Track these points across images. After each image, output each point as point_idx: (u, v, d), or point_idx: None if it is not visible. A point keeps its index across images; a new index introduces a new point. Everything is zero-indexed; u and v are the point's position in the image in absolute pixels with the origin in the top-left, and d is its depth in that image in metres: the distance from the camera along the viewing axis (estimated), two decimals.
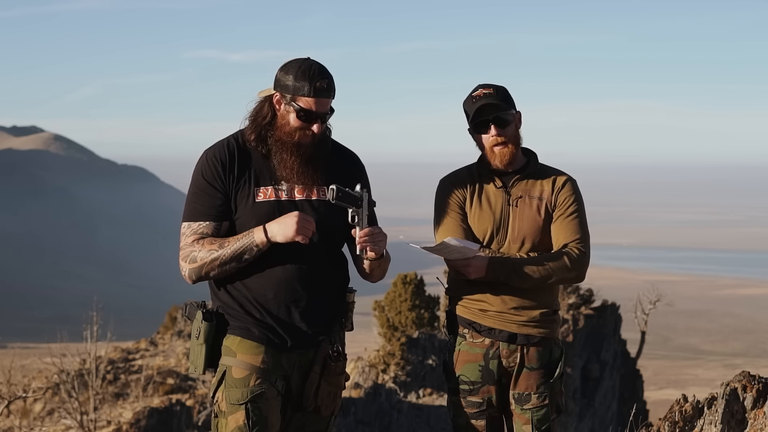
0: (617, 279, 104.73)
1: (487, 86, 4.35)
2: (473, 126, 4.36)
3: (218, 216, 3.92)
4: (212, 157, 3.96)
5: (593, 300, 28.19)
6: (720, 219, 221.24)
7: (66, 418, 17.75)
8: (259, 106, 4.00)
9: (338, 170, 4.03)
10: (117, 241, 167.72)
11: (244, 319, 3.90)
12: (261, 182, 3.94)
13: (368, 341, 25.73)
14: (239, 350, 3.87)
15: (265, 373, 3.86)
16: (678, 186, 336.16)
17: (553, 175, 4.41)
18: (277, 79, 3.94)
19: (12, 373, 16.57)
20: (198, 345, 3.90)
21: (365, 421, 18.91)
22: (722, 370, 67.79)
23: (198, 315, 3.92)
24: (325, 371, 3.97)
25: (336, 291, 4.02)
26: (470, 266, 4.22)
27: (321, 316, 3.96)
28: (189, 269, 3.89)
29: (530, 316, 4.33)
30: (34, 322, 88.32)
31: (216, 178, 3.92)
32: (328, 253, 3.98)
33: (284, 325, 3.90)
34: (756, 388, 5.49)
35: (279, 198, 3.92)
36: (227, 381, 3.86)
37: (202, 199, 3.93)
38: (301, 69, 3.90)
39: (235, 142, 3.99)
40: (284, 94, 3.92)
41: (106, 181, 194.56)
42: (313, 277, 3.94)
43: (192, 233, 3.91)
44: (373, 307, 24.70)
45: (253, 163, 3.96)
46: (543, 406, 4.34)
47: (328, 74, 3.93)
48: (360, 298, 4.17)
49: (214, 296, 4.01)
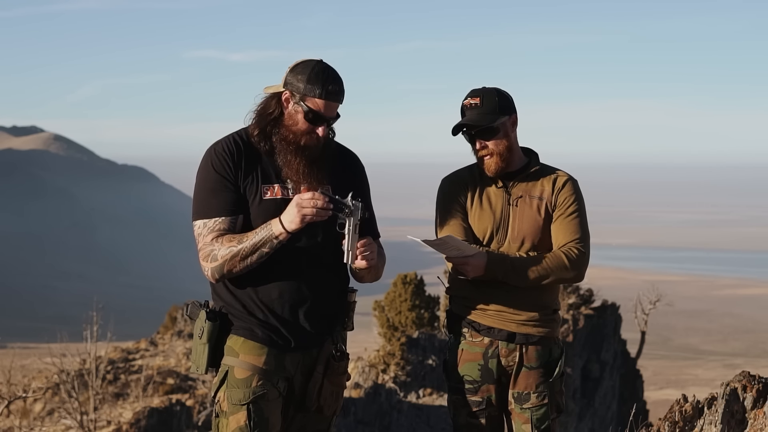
0: (617, 279, 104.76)
1: (475, 94, 4.33)
2: (463, 135, 4.39)
3: (233, 210, 3.87)
4: (221, 151, 3.92)
5: (593, 300, 28.17)
6: (720, 219, 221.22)
7: (66, 418, 17.74)
8: (267, 102, 3.95)
9: (341, 172, 4.02)
10: (117, 241, 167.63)
11: (247, 319, 3.88)
12: (268, 180, 3.90)
13: (368, 341, 25.72)
14: (242, 351, 3.86)
15: (267, 374, 3.85)
16: (678, 186, 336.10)
17: (554, 174, 4.40)
18: (289, 77, 3.90)
19: (12, 373, 16.56)
20: (201, 344, 3.88)
21: (365, 421, 18.90)
22: (722, 370, 67.79)
23: (201, 314, 3.89)
24: (329, 371, 3.96)
25: (338, 291, 4.01)
26: (468, 264, 4.22)
27: (324, 316, 3.95)
28: (211, 268, 3.83)
29: (529, 316, 4.33)
30: (34, 322, 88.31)
31: (228, 171, 3.88)
32: (332, 253, 3.95)
33: (288, 325, 3.88)
34: (756, 388, 5.49)
35: (285, 196, 3.89)
36: (229, 381, 3.85)
37: (215, 194, 3.87)
38: (314, 70, 3.86)
39: (240, 139, 3.96)
40: (294, 93, 3.88)
41: (106, 181, 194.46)
42: (318, 277, 3.93)
43: (209, 231, 3.86)
44: (373, 307, 24.69)
45: (259, 161, 3.92)
46: (542, 406, 4.34)
47: (340, 79, 3.91)
48: (360, 298, 4.16)
49: (216, 296, 3.98)
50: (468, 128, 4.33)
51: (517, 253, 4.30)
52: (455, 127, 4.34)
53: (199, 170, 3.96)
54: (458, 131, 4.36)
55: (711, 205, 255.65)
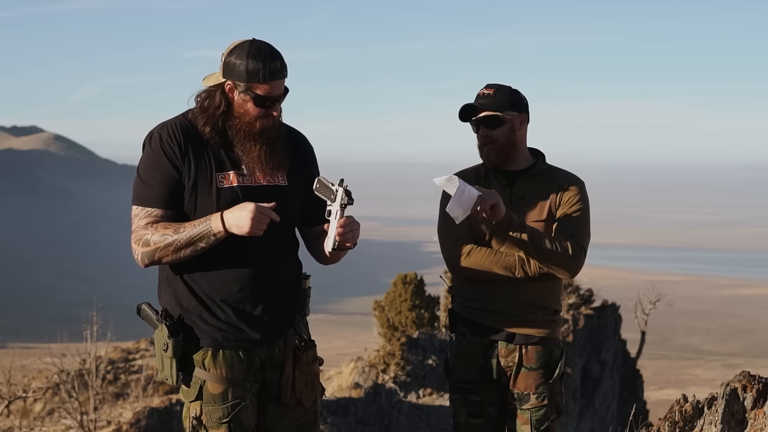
0: (617, 279, 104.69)
1: (490, 86, 4.37)
2: (470, 123, 4.39)
3: (173, 203, 3.75)
4: (168, 138, 3.76)
5: (593, 300, 28.17)
6: (720, 219, 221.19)
7: (66, 418, 17.73)
8: (209, 96, 3.78)
9: (294, 153, 3.92)
10: (117, 241, 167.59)
11: (208, 321, 3.78)
12: (221, 167, 3.76)
13: (368, 341, 25.72)
14: (211, 365, 3.78)
15: (240, 383, 3.80)
16: (678, 186, 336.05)
17: (560, 176, 4.40)
18: (227, 65, 3.73)
19: (12, 373, 16.57)
20: (167, 358, 3.78)
21: (365, 421, 18.90)
22: (722, 370, 67.78)
23: (163, 330, 3.76)
24: (297, 362, 3.89)
25: (294, 278, 3.92)
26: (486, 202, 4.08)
27: (285, 306, 3.88)
28: (142, 252, 3.71)
29: (529, 316, 4.33)
30: (34, 322, 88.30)
31: (178, 159, 3.73)
32: (290, 240, 3.90)
33: (250, 319, 3.79)
34: (756, 388, 5.49)
35: (242, 183, 3.77)
36: (205, 397, 3.79)
37: (157, 183, 3.74)
38: (251, 53, 3.69)
39: (186, 124, 3.80)
40: (237, 82, 3.72)
41: (106, 181, 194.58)
42: (274, 265, 3.83)
43: (146, 215, 3.74)
44: (373, 307, 24.69)
45: (209, 147, 3.78)
46: (542, 407, 4.34)
47: (279, 53, 3.74)
48: (360, 299, 4.17)
49: (169, 289, 3.83)
50: (474, 112, 4.34)
51: (517, 252, 4.29)
52: (462, 110, 4.34)
53: (144, 153, 3.80)
54: (465, 114, 4.35)
55: (711, 205, 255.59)
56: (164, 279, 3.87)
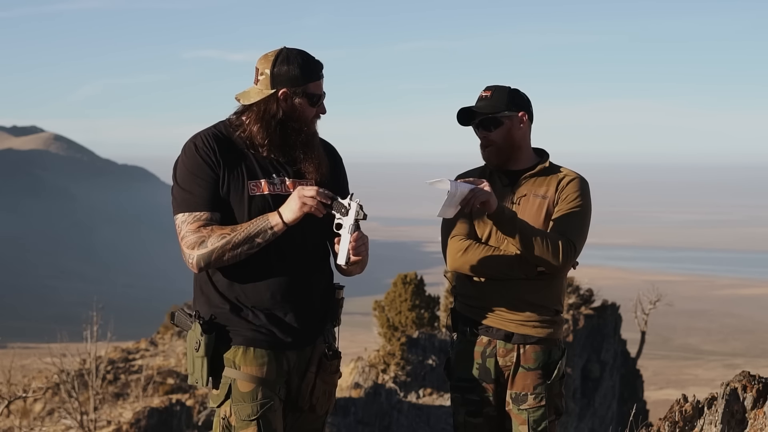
0: (617, 279, 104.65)
1: (489, 89, 4.39)
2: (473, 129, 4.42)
3: (217, 205, 3.81)
4: (204, 144, 3.84)
5: (593, 300, 28.17)
6: (720, 219, 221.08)
7: (66, 418, 17.73)
8: (266, 107, 3.86)
9: (334, 166, 4.03)
10: (117, 241, 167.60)
11: (240, 324, 3.83)
12: (253, 176, 3.84)
13: (368, 341, 25.72)
14: (242, 363, 3.82)
15: (269, 384, 3.83)
16: (678, 186, 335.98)
17: (561, 173, 4.40)
18: (276, 76, 3.84)
19: (12, 373, 16.57)
20: (198, 358, 3.81)
21: (365, 421, 18.89)
22: (722, 370, 67.74)
23: (196, 327, 3.81)
24: (321, 370, 3.93)
25: (326, 287, 3.99)
26: (477, 196, 4.09)
27: (316, 314, 3.93)
28: (198, 255, 3.74)
29: (528, 316, 4.32)
30: (34, 322, 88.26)
31: (215, 164, 3.82)
32: (323, 249, 3.96)
33: (282, 324, 3.85)
34: (756, 388, 5.49)
35: (272, 192, 3.84)
36: (234, 396, 3.81)
37: (198, 187, 3.80)
38: (298, 58, 3.85)
39: (220, 134, 3.90)
40: (294, 86, 3.84)
41: (106, 181, 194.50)
42: (306, 275, 3.90)
43: (194, 220, 3.78)
44: (373, 307, 24.68)
45: (242, 156, 3.86)
46: (539, 407, 4.32)
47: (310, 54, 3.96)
48: (360, 298, 4.17)
49: (201, 296, 3.90)
50: (472, 116, 4.36)
51: (516, 251, 4.29)
52: (460, 114, 4.36)
53: (180, 163, 3.86)
54: (462, 118, 4.37)
55: (711, 205, 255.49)
56: (198, 288, 3.92)
